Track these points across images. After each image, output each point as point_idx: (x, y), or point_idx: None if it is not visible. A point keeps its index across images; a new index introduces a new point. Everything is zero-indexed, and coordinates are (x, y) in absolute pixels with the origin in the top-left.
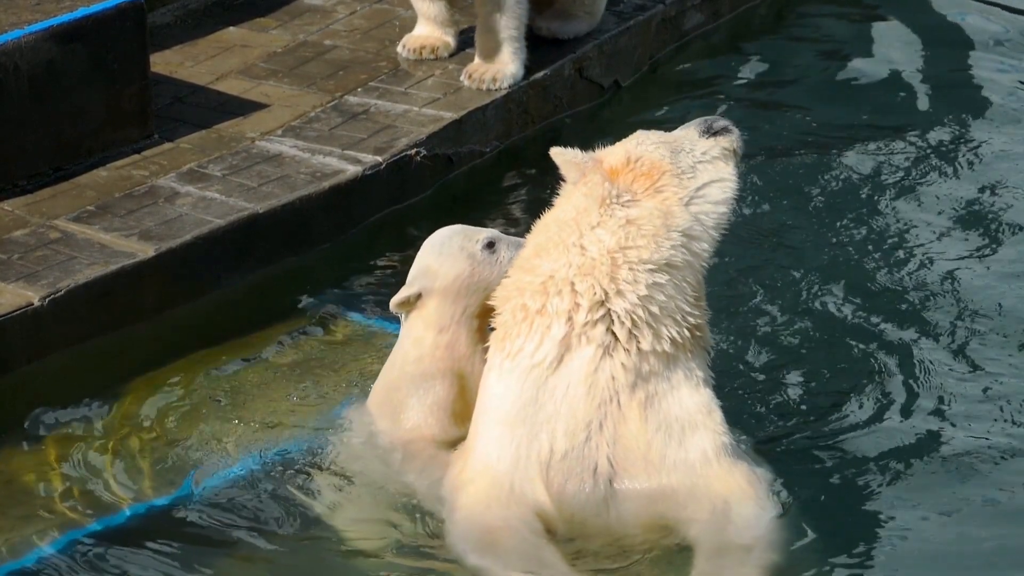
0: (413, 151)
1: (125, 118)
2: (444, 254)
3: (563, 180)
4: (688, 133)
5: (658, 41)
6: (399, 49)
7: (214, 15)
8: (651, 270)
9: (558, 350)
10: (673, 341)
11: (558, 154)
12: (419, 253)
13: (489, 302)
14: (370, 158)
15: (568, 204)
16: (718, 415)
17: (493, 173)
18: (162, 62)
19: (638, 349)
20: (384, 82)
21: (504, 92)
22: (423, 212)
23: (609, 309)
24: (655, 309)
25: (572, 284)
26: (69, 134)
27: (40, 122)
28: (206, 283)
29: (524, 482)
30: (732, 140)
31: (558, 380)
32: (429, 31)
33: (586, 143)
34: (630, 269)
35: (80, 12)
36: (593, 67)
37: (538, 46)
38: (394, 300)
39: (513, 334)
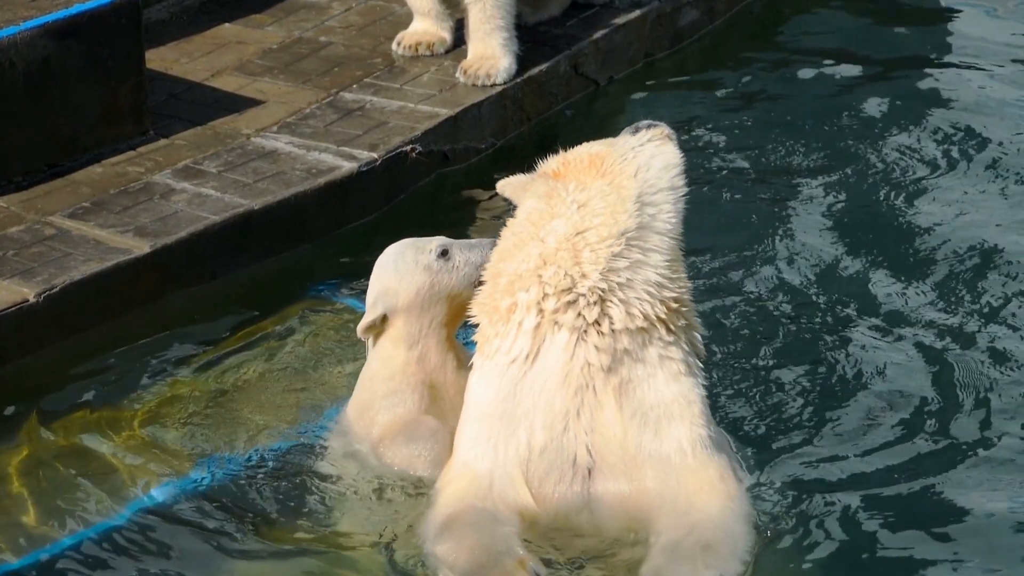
0: (408, 148)
1: (120, 114)
2: (401, 271)
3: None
4: (620, 137)
5: (653, 38)
6: (394, 47)
7: (209, 11)
8: (612, 244)
9: (532, 342)
10: (646, 316)
11: (503, 186)
12: (373, 274)
13: (468, 314)
14: (365, 154)
15: (521, 211)
16: (697, 406)
17: (489, 170)
18: (157, 58)
19: (611, 329)
20: (379, 78)
21: (500, 86)
22: (419, 209)
23: (577, 293)
24: (621, 281)
25: (539, 276)
26: (64, 130)
27: (35, 118)
28: (201, 279)
29: (504, 480)
30: (662, 130)
31: (535, 373)
32: (425, 27)
33: (582, 141)
34: (591, 251)
35: (75, 8)
36: (589, 64)
37: (535, 43)
38: (360, 326)
39: (490, 336)
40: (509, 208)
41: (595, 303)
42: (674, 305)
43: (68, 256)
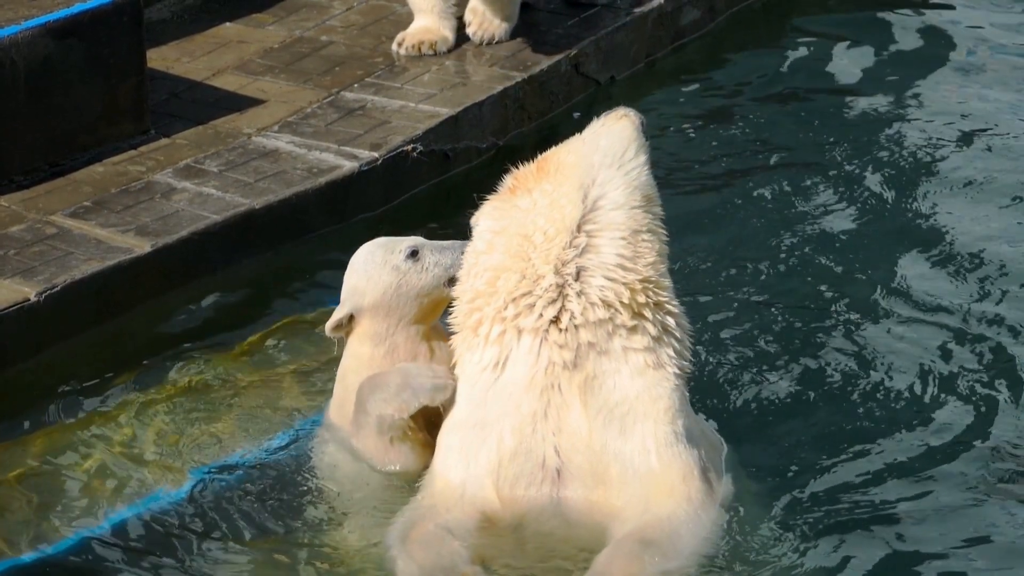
0: (409, 147)
1: (121, 114)
2: (369, 270)
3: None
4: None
5: (654, 37)
6: (395, 47)
7: (210, 11)
8: (560, 239)
9: (500, 351)
10: (608, 303)
11: (473, 222)
12: (346, 272)
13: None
14: (366, 154)
15: (475, 234)
16: (664, 402)
17: (490, 169)
18: (158, 58)
19: (572, 324)
20: (380, 78)
21: (503, 43)
22: (420, 208)
23: (535, 295)
24: (573, 272)
25: (495, 288)
26: (65, 129)
27: (36, 117)
28: (202, 278)
29: (475, 489)
30: (617, 112)
31: (504, 379)
32: (427, 25)
33: None
34: (541, 251)
35: (77, 8)
36: (590, 63)
37: (536, 42)
38: (328, 324)
39: (463, 352)
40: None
41: (553, 301)
42: (639, 286)
43: (69, 255)
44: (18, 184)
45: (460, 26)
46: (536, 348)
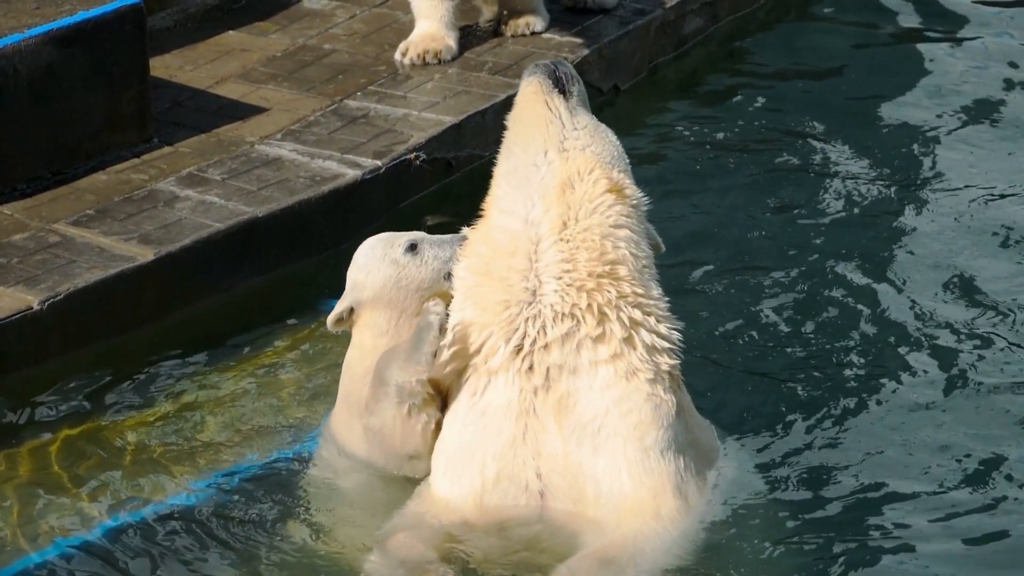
0: (412, 155)
1: (124, 122)
2: (369, 264)
3: None
4: None
5: (657, 45)
6: (398, 56)
7: (213, 19)
8: (505, 276)
9: (477, 383)
10: (566, 316)
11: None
12: (349, 267)
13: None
14: (369, 162)
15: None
16: (635, 416)
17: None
18: (161, 66)
19: (537, 348)
20: (383, 86)
21: (542, 35)
22: (423, 216)
23: (495, 339)
24: (527, 297)
25: (465, 339)
26: (68, 138)
27: (39, 126)
28: (205, 287)
29: (459, 506)
30: (522, 89)
31: (483, 406)
32: (432, 32)
33: None
34: (493, 295)
35: (80, 16)
36: (592, 71)
37: (537, 51)
38: (329, 318)
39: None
40: None
41: (514, 331)
42: (591, 283)
43: (72, 263)
44: (21, 192)
45: (462, 35)
46: (509, 379)
